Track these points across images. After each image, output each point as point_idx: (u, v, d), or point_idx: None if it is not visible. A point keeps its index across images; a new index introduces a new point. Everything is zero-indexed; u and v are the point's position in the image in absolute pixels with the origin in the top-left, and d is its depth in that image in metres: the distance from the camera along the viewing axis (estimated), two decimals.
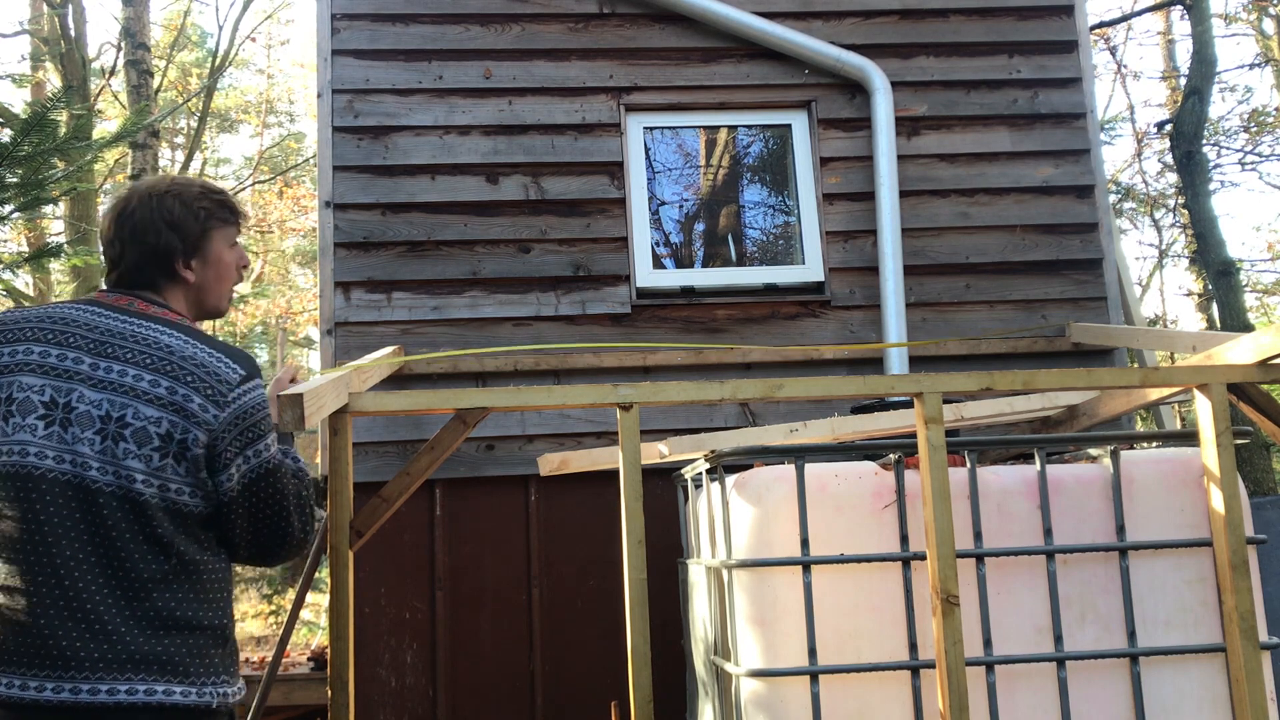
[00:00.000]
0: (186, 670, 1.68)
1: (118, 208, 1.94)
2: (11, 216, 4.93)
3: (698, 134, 5.08)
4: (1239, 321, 9.92)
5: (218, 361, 1.80)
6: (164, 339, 1.79)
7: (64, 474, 1.69)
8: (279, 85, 25.41)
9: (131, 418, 1.72)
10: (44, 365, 1.75)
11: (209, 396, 1.77)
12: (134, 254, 1.91)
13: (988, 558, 2.76)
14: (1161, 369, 2.98)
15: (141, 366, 1.75)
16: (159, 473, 1.72)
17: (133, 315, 1.83)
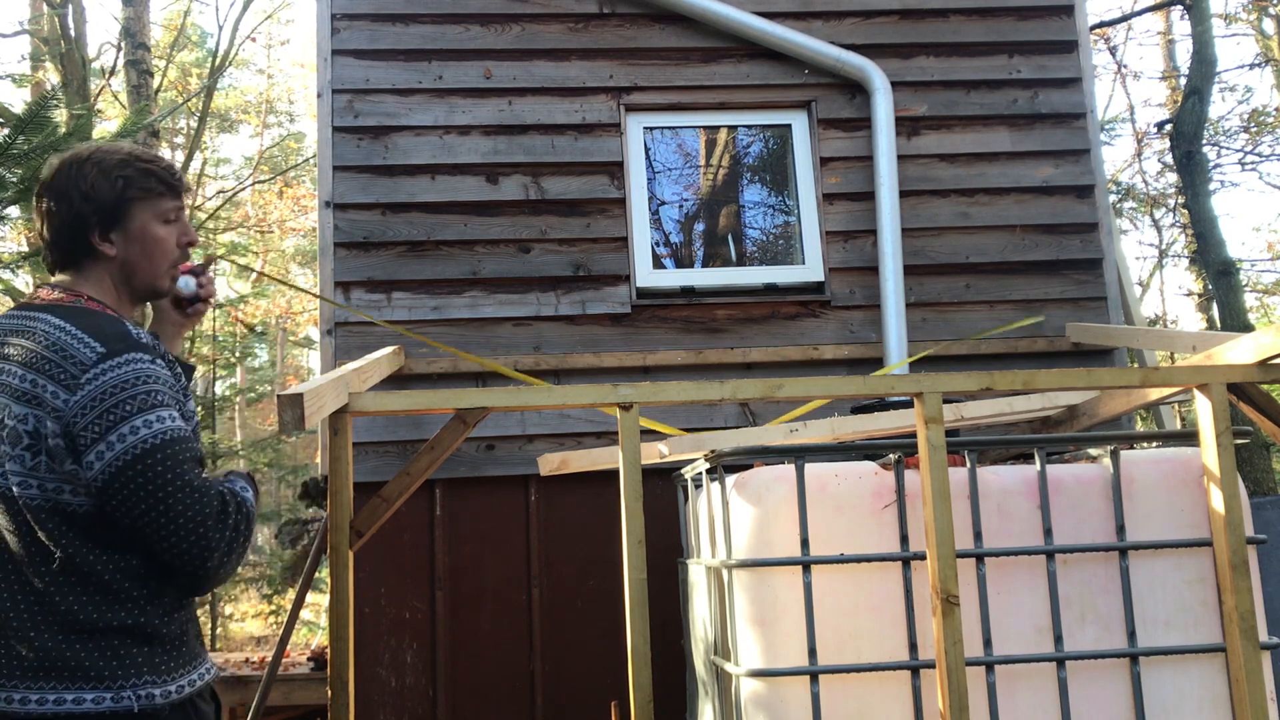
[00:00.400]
0: (100, 675, 1.58)
1: (42, 179, 1.82)
2: (11, 216, 4.93)
3: (698, 134, 5.07)
4: (1239, 321, 9.91)
5: (77, 343, 1.65)
6: (37, 328, 1.68)
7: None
8: (279, 85, 25.42)
9: (7, 418, 1.64)
10: None
11: (61, 382, 1.62)
12: (52, 227, 1.79)
13: (988, 558, 2.76)
14: (1161, 369, 2.98)
15: (15, 362, 1.66)
16: (34, 472, 1.61)
17: (27, 308, 1.74)
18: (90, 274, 1.81)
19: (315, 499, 4.81)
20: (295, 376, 23.60)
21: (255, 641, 15.94)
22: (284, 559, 12.88)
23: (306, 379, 14.69)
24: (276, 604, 14.92)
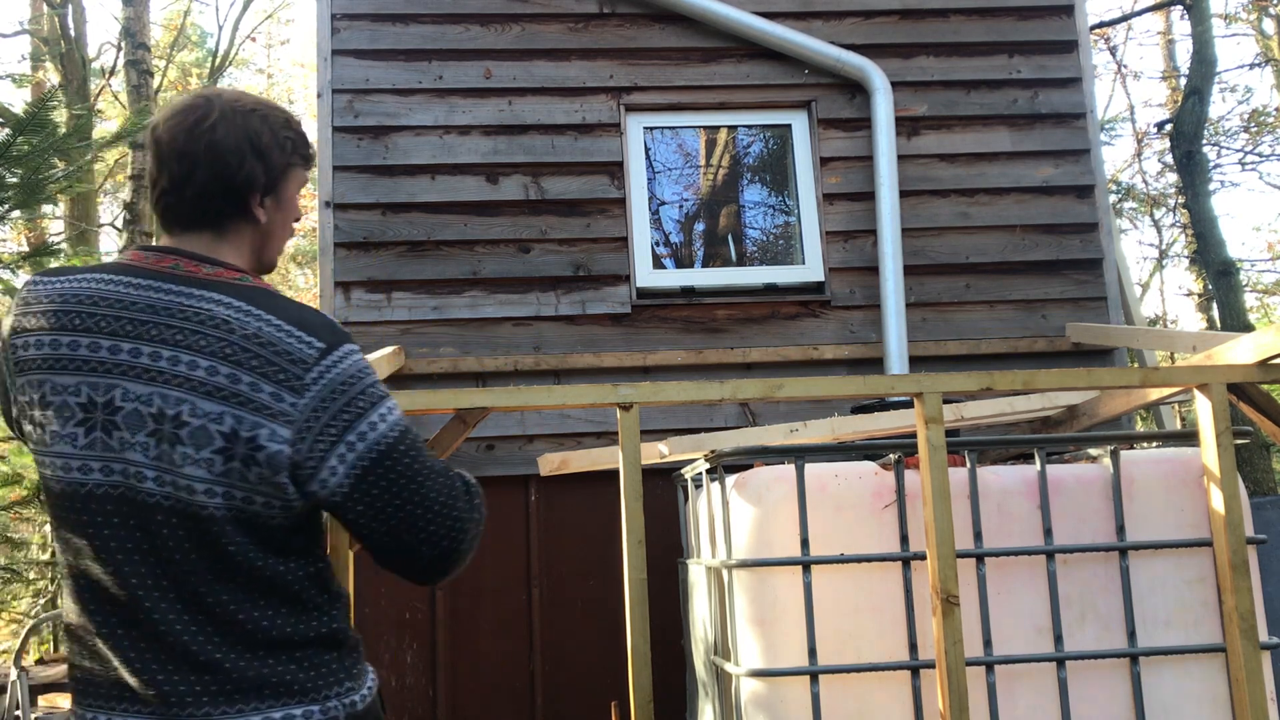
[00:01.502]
0: (303, 688, 1.44)
1: (191, 118, 1.53)
2: (11, 216, 4.93)
3: (698, 134, 5.08)
4: (1239, 321, 9.91)
5: (288, 337, 1.44)
6: (218, 312, 1.44)
7: (115, 487, 1.40)
8: (279, 85, 25.42)
9: (188, 415, 1.39)
10: (74, 359, 1.42)
11: (280, 382, 1.41)
12: (206, 178, 1.52)
13: (988, 558, 2.76)
14: (1161, 369, 2.98)
15: (195, 350, 1.41)
16: (224, 478, 1.40)
17: (179, 283, 1.47)
18: (233, 240, 1.58)
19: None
20: None
21: None
22: None
23: None
24: None
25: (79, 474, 1.41)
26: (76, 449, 1.41)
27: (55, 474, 1.42)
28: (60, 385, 1.42)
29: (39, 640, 11.52)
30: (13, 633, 11.33)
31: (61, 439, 1.41)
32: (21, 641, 5.02)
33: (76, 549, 1.43)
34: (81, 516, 1.41)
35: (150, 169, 1.57)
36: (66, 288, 1.47)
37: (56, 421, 1.41)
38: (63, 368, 1.42)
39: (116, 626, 1.41)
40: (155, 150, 1.54)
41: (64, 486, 1.42)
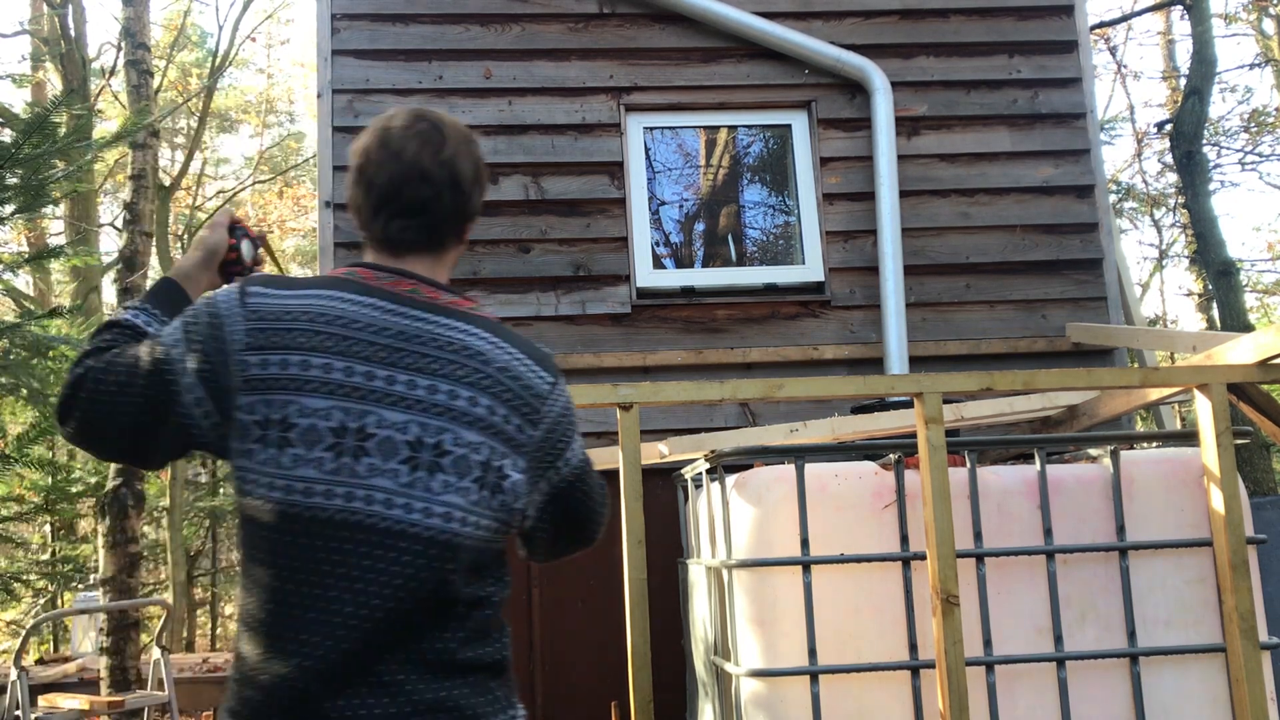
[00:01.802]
0: (474, 713, 1.43)
1: (433, 143, 1.51)
2: (12, 217, 4.93)
3: (698, 134, 5.08)
4: (1239, 321, 9.91)
5: (529, 371, 1.49)
6: (472, 343, 1.46)
7: (354, 514, 1.37)
8: (279, 85, 25.42)
9: (450, 444, 1.39)
10: (327, 382, 1.39)
11: (525, 415, 1.46)
12: (450, 203, 1.51)
13: (988, 558, 2.76)
14: (1161, 369, 2.98)
15: (454, 380, 1.42)
16: (476, 508, 1.40)
17: (423, 309, 1.47)
18: (446, 262, 1.59)
19: None
20: None
21: None
22: None
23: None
24: None
25: (321, 499, 1.36)
26: (322, 473, 1.36)
27: (289, 497, 1.36)
28: (310, 408, 1.37)
29: (39, 640, 11.53)
30: (12, 633, 11.33)
31: (306, 463, 1.36)
32: (21, 641, 5.02)
33: (282, 567, 1.37)
34: (315, 541, 1.36)
35: (366, 188, 1.51)
36: (311, 305, 1.42)
37: (301, 445, 1.36)
38: (313, 390, 1.38)
39: (307, 652, 1.36)
40: (389, 169, 1.49)
41: (298, 510, 1.36)
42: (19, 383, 5.33)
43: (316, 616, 1.35)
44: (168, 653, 5.18)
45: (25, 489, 9.75)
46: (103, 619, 6.65)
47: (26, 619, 11.08)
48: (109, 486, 6.73)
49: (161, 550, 12.90)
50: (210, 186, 20.84)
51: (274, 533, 1.37)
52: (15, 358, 5.24)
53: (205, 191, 19.55)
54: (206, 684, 6.74)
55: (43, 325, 5.30)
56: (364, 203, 1.51)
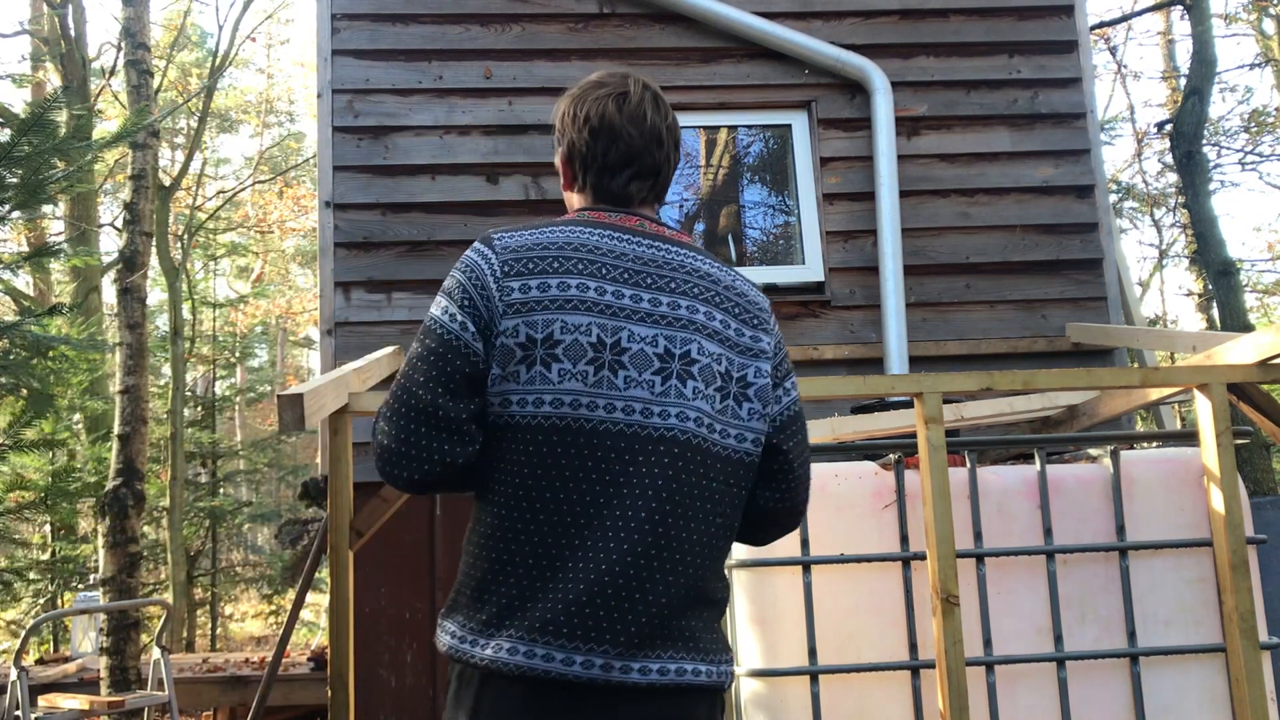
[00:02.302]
0: (705, 647, 1.48)
1: (663, 108, 1.66)
2: (11, 216, 4.93)
3: (698, 134, 5.08)
4: (1239, 321, 9.91)
5: (751, 288, 1.61)
6: (699, 265, 1.56)
7: (614, 424, 1.45)
8: (279, 85, 25.42)
9: (696, 353, 1.50)
10: (584, 300, 1.48)
11: (756, 326, 1.57)
12: (674, 166, 1.68)
13: (988, 558, 2.76)
14: (1161, 369, 2.98)
15: (692, 297, 1.52)
16: (721, 416, 1.51)
17: (654, 239, 1.58)
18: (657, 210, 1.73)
19: (315, 499, 4.81)
20: (295, 376, 23.60)
21: (255, 641, 15.95)
22: (284, 559, 12.87)
23: (306, 379, 14.68)
24: (276, 604, 14.93)
25: (586, 410, 1.45)
26: (586, 386, 1.45)
27: (559, 410, 1.45)
28: (572, 324, 1.47)
29: (39, 640, 11.52)
30: (12, 633, 11.33)
31: (572, 376, 1.45)
32: (21, 641, 5.02)
33: (552, 479, 1.45)
34: (580, 449, 1.45)
35: (606, 148, 1.61)
36: (558, 237, 1.53)
37: (567, 359, 1.46)
38: (573, 308, 1.48)
39: (573, 557, 1.43)
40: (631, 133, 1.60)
41: (567, 422, 1.45)
42: (19, 382, 5.33)
43: (583, 522, 1.43)
44: (168, 653, 5.18)
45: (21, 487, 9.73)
46: (103, 619, 6.65)
47: (26, 619, 11.07)
48: (109, 486, 6.72)
49: (161, 550, 12.90)
50: (210, 186, 20.83)
51: (545, 445, 1.45)
52: (15, 357, 5.23)
53: (205, 191, 19.54)
54: (206, 684, 6.73)
55: (42, 325, 5.30)
56: (601, 161, 1.61)
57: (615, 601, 1.42)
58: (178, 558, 11.44)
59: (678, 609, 1.45)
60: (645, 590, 1.43)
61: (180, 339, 12.23)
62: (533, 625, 1.41)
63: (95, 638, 8.54)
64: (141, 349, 7.01)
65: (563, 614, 1.41)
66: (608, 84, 1.64)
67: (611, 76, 1.66)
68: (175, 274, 12.43)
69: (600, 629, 1.41)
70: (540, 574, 1.44)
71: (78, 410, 10.75)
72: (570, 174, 1.66)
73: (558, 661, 1.39)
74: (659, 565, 1.44)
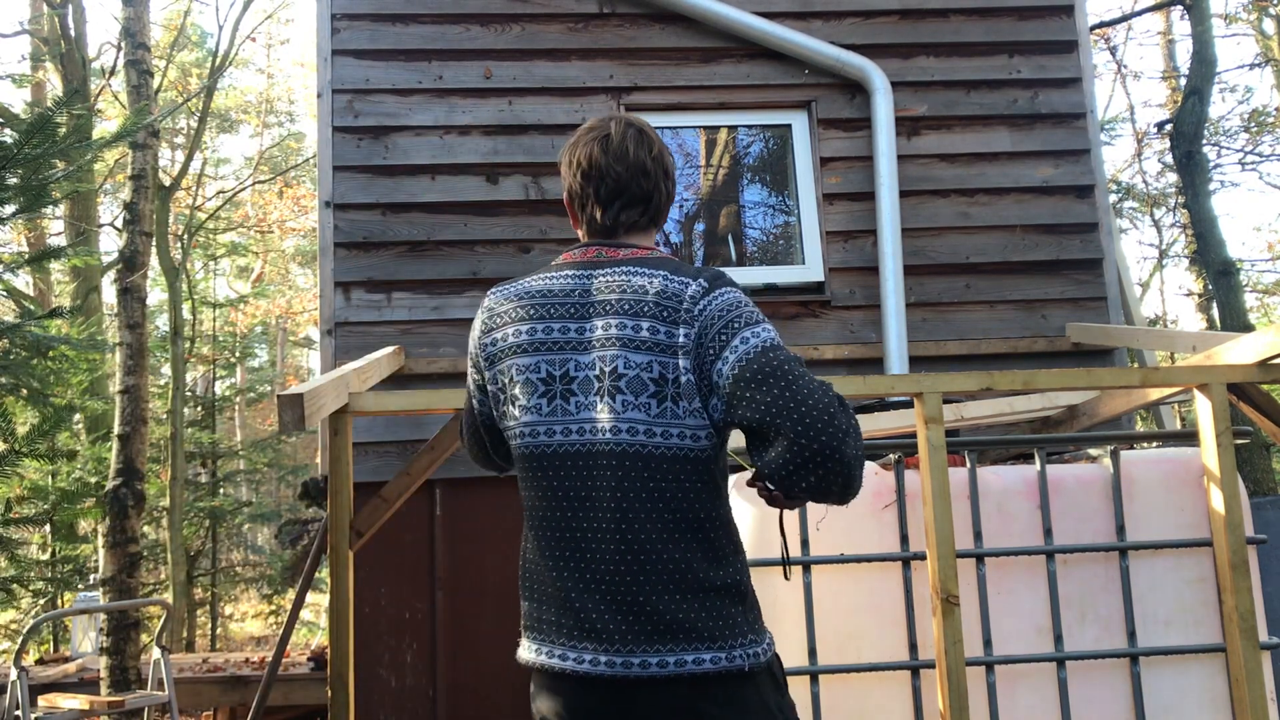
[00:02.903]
0: (710, 635, 1.58)
1: (648, 142, 1.82)
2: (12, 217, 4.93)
3: (698, 134, 5.07)
4: (1239, 321, 9.91)
5: (675, 284, 1.67)
6: (635, 280, 1.69)
7: (572, 445, 1.66)
8: (279, 85, 25.42)
9: (623, 368, 1.63)
10: (531, 343, 1.70)
11: (671, 321, 1.64)
12: (659, 196, 1.82)
13: (988, 558, 2.76)
14: (1161, 369, 2.98)
15: (622, 314, 1.66)
16: (660, 419, 1.62)
17: (605, 266, 1.73)
18: (653, 233, 1.86)
19: (315, 499, 4.81)
20: (295, 376, 23.60)
21: (255, 641, 15.95)
22: (284, 559, 12.88)
23: (306, 379, 14.67)
24: (276, 604, 14.92)
25: (545, 436, 1.68)
26: (542, 416, 1.68)
27: (524, 440, 1.70)
28: (522, 366, 1.70)
29: (39, 640, 11.52)
30: (12, 633, 11.33)
31: (529, 410, 1.69)
32: (21, 642, 5.02)
33: (538, 501, 1.73)
34: (547, 472, 1.69)
35: (596, 187, 1.78)
36: (522, 288, 1.76)
37: (524, 396, 1.69)
38: (521, 352, 1.71)
39: (564, 569, 1.67)
40: (618, 169, 1.77)
41: (532, 449, 1.70)
42: (19, 383, 5.33)
43: (561, 538, 1.68)
44: (168, 653, 5.18)
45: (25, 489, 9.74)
46: (103, 619, 6.65)
47: (26, 619, 11.08)
48: (109, 486, 6.72)
49: (161, 550, 12.89)
50: (210, 186, 20.84)
51: (525, 471, 1.73)
52: (15, 358, 5.24)
53: (205, 191, 19.54)
54: (206, 684, 6.73)
55: (43, 325, 5.30)
56: (594, 198, 1.79)
57: (606, 604, 1.61)
58: (178, 558, 11.44)
59: (666, 604, 1.59)
60: (630, 591, 1.60)
61: (180, 339, 12.23)
62: (546, 629, 1.69)
63: (95, 638, 8.54)
64: (141, 349, 7.01)
65: (564, 618, 1.65)
66: (595, 129, 1.81)
67: (599, 121, 1.82)
68: (175, 274, 12.43)
69: (598, 630, 1.61)
70: (543, 585, 1.71)
71: (78, 410, 10.75)
72: (573, 214, 1.84)
73: (570, 660, 1.63)
74: (627, 569, 1.61)
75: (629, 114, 1.87)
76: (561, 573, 1.67)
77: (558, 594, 1.67)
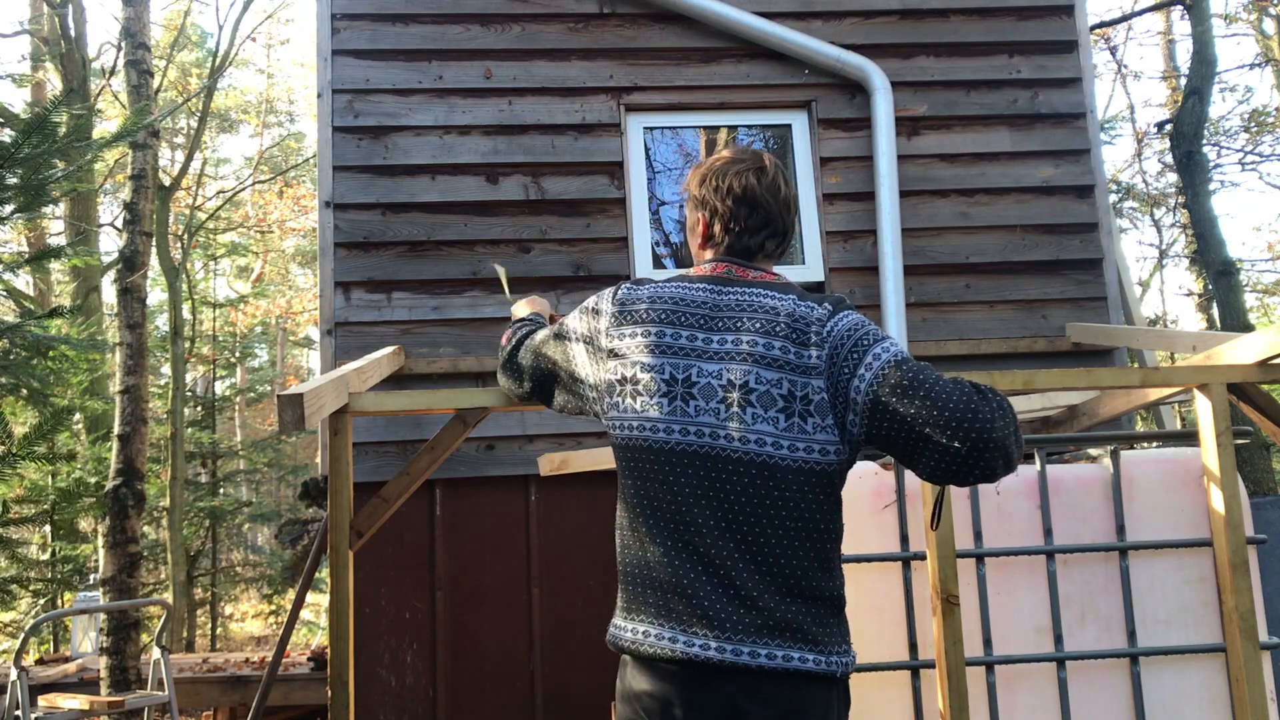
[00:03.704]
0: (816, 639, 1.69)
1: (790, 182, 2.00)
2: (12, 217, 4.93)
3: (698, 134, 5.07)
4: (1239, 321, 9.91)
5: (803, 307, 1.80)
6: (766, 302, 1.82)
7: (689, 445, 1.74)
8: (279, 85, 25.42)
9: (754, 382, 1.74)
10: (660, 345, 1.81)
11: (802, 342, 1.76)
12: (793, 226, 1.98)
13: (988, 558, 2.76)
14: (1161, 369, 2.98)
15: (754, 332, 1.78)
16: (788, 433, 1.72)
17: (736, 284, 1.87)
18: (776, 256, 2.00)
19: (315, 499, 4.81)
20: (295, 376, 23.60)
21: (255, 641, 15.95)
22: (284, 559, 12.87)
23: (306, 379, 14.68)
24: (276, 604, 14.93)
25: (663, 434, 1.76)
26: (662, 414, 1.77)
27: (642, 433, 1.78)
28: (649, 365, 1.80)
29: (39, 640, 11.52)
30: (12, 633, 11.33)
31: (651, 406, 1.78)
32: (21, 641, 5.02)
33: (650, 491, 1.77)
34: (663, 467, 1.75)
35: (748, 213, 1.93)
36: (657, 292, 1.87)
37: (646, 394, 1.79)
38: (650, 352, 1.81)
39: (678, 557, 1.72)
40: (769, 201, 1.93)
41: (649, 443, 1.77)
42: (19, 383, 5.33)
43: (678, 531, 1.73)
44: (168, 653, 5.18)
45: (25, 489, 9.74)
46: (103, 619, 6.65)
47: (26, 619, 11.07)
48: (109, 486, 6.72)
49: (161, 550, 12.90)
50: (210, 186, 20.84)
51: (635, 462, 1.79)
52: (15, 358, 5.24)
53: (205, 191, 19.55)
54: (206, 684, 6.73)
55: (43, 325, 5.31)
56: (745, 224, 1.93)
57: (720, 594, 1.68)
58: (178, 558, 11.44)
59: (778, 604, 1.68)
60: (746, 587, 1.68)
61: (180, 339, 12.23)
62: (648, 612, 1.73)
63: (95, 638, 8.54)
64: (141, 349, 7.01)
65: (675, 603, 1.70)
66: (745, 159, 1.98)
67: (749, 153, 2.00)
68: (175, 274, 12.43)
69: (710, 617, 1.68)
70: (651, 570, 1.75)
71: (78, 410, 10.75)
72: (707, 233, 1.96)
73: (680, 644, 1.68)
74: (744, 565, 1.69)
75: (760, 150, 2.02)
76: (674, 560, 1.72)
77: (669, 580, 1.72)
